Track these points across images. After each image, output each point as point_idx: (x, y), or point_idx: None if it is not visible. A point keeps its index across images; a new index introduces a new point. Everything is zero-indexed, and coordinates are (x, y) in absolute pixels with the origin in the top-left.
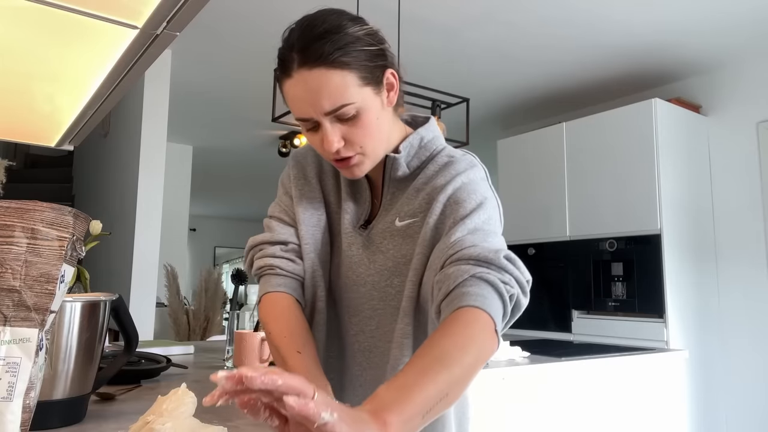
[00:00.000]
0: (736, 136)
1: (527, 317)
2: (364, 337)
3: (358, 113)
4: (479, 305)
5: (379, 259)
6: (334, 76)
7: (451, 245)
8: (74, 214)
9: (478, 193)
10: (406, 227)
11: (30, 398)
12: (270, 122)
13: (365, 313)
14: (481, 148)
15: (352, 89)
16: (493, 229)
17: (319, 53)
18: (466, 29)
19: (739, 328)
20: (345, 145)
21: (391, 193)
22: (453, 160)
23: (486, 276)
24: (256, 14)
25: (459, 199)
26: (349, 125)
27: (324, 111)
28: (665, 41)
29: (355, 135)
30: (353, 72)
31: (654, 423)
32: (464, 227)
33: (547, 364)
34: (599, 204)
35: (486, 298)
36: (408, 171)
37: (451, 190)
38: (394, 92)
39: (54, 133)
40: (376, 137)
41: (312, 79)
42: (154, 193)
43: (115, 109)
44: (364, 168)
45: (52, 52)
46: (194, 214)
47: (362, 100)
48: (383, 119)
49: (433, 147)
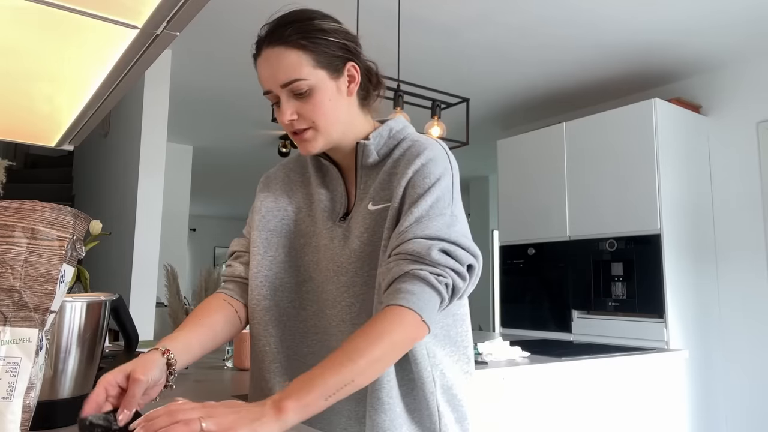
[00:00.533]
0: (736, 136)
1: (527, 317)
2: (346, 326)
3: (310, 90)
4: (403, 303)
5: (357, 246)
6: (290, 54)
7: (398, 235)
8: (74, 214)
9: (433, 175)
10: (381, 211)
11: (30, 398)
12: (270, 122)
13: (345, 302)
14: (481, 148)
15: (305, 68)
16: (438, 211)
17: (281, 34)
18: (466, 29)
19: (739, 328)
20: (298, 119)
21: (364, 182)
22: (414, 143)
23: (418, 272)
24: (256, 14)
25: (415, 182)
26: (302, 101)
27: (280, 83)
28: (665, 41)
29: (307, 110)
30: (308, 53)
31: (654, 423)
32: (411, 216)
33: (547, 364)
34: (599, 204)
35: (414, 295)
36: (378, 158)
37: (410, 173)
38: (355, 84)
39: (54, 133)
40: (328, 116)
41: (273, 56)
42: (154, 193)
43: (115, 109)
44: (316, 144)
45: (51, 52)
46: (194, 214)
47: (315, 80)
48: (339, 103)
49: (401, 136)
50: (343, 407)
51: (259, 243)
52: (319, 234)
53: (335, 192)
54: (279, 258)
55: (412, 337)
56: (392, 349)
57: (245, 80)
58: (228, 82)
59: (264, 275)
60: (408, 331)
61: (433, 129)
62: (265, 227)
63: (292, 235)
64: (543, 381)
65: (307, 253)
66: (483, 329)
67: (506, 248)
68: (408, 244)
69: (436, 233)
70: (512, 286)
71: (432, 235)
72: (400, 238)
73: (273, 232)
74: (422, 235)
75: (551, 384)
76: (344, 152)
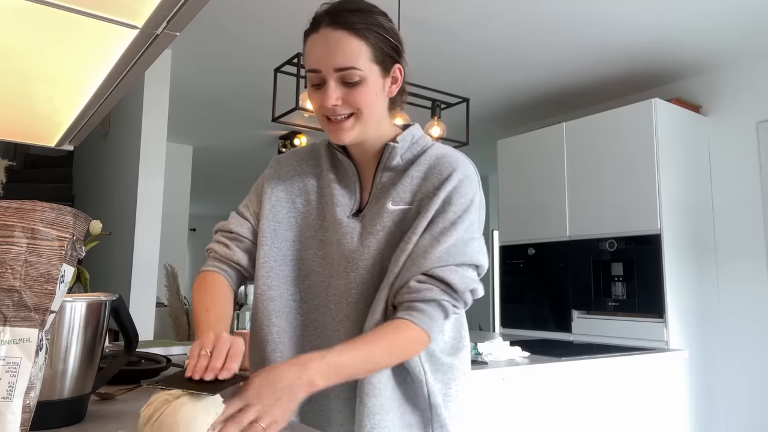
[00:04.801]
0: (736, 136)
1: (527, 317)
2: (349, 322)
3: (360, 81)
4: (423, 326)
5: (371, 243)
6: (352, 41)
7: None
8: (74, 214)
9: (468, 195)
10: (400, 212)
11: (30, 398)
12: (270, 122)
13: (353, 298)
14: (481, 148)
15: (363, 59)
16: (470, 235)
17: (347, 20)
18: (466, 29)
19: (739, 328)
20: (343, 104)
21: (381, 182)
22: (446, 155)
23: (445, 304)
24: (256, 14)
25: (452, 200)
26: (350, 89)
27: (335, 66)
28: (665, 41)
29: (352, 99)
30: (369, 46)
31: (654, 423)
32: (446, 240)
33: (547, 364)
34: (599, 204)
35: (433, 320)
36: (401, 162)
37: (449, 187)
38: (396, 86)
39: (54, 133)
40: (372, 108)
41: (334, 37)
42: (154, 193)
43: (115, 109)
44: (352, 133)
45: (51, 52)
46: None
47: (368, 72)
48: (380, 101)
49: (423, 143)
50: (341, 404)
51: (268, 234)
52: (329, 228)
53: (349, 188)
54: (283, 250)
55: (417, 352)
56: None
57: (245, 80)
58: (228, 82)
59: (270, 266)
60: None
61: (433, 129)
62: (274, 218)
63: (299, 228)
64: (543, 381)
65: (311, 247)
66: (483, 329)
67: (506, 248)
68: (445, 271)
69: (471, 260)
70: (512, 286)
71: (467, 261)
72: (435, 262)
73: (281, 224)
74: (457, 262)
75: (551, 384)
76: (365, 150)
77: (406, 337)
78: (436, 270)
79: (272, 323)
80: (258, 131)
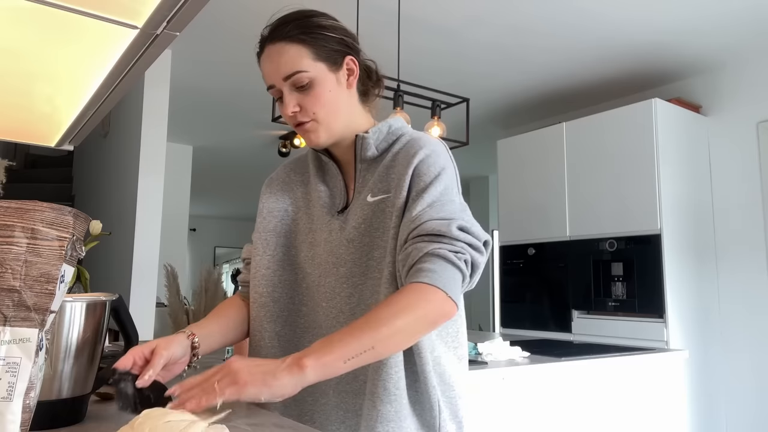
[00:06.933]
0: (736, 136)
1: (527, 317)
2: (345, 317)
3: (311, 83)
4: (427, 281)
5: (355, 236)
6: (291, 48)
7: (411, 220)
8: (74, 214)
9: (437, 165)
10: (379, 202)
11: (30, 398)
12: (270, 122)
13: (345, 293)
14: (481, 148)
15: (305, 60)
16: (449, 197)
17: (281, 31)
18: (466, 29)
19: (740, 328)
20: (300, 111)
21: (363, 176)
22: (414, 138)
23: (438, 251)
24: (256, 14)
25: (420, 171)
26: (304, 94)
27: (282, 75)
28: (665, 41)
29: (308, 102)
30: (308, 47)
31: (654, 423)
32: (423, 201)
33: (547, 364)
34: (599, 204)
35: (436, 272)
36: (377, 152)
37: (416, 162)
38: (354, 77)
39: (54, 133)
40: (328, 107)
41: (274, 51)
42: (154, 193)
43: (115, 109)
44: (319, 136)
45: (51, 52)
46: (194, 214)
47: (315, 72)
48: (339, 95)
49: (400, 132)
50: (341, 400)
51: (259, 244)
52: (317, 230)
53: (334, 187)
54: (277, 257)
55: (441, 313)
56: (416, 323)
57: (245, 80)
58: (228, 82)
59: (262, 274)
60: (434, 307)
61: (433, 129)
62: (265, 228)
63: (291, 234)
64: (543, 381)
65: (302, 250)
66: (483, 329)
67: (506, 248)
68: (425, 225)
69: (451, 215)
70: (512, 286)
71: (447, 216)
72: (416, 222)
73: (272, 233)
74: (438, 217)
75: (551, 384)
76: (344, 147)
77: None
78: (415, 231)
79: (264, 329)
80: (258, 131)
